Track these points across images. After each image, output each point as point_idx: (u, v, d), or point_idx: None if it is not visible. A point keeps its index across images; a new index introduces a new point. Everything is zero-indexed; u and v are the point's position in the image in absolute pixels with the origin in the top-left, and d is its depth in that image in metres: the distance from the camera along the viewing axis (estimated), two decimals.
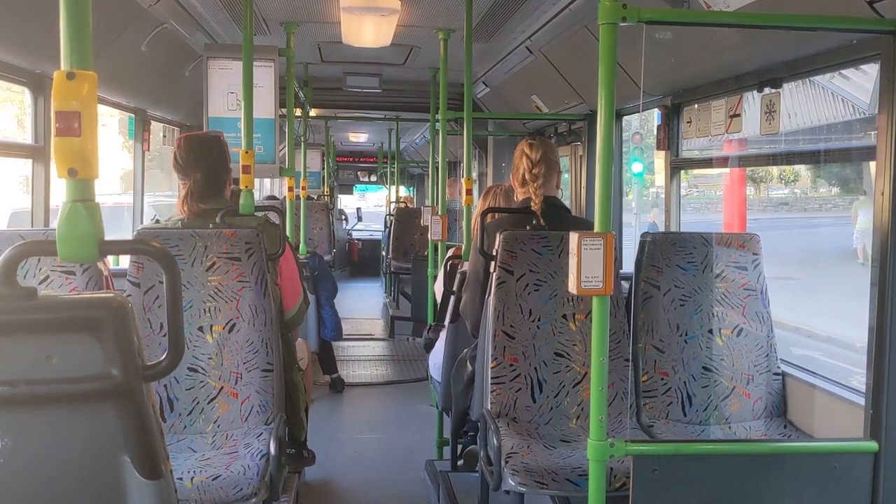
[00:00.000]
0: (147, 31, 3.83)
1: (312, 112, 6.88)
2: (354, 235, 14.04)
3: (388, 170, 11.67)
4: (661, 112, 3.78)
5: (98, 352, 1.16)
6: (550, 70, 4.63)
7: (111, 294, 1.21)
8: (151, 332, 2.60)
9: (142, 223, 4.55)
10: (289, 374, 2.79)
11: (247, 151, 3.14)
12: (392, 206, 10.90)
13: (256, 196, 3.44)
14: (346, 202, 17.20)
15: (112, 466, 1.19)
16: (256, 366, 2.61)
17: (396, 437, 4.81)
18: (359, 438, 4.83)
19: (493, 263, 2.87)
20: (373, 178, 15.30)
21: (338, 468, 4.22)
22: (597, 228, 1.90)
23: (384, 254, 10.35)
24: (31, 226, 3.51)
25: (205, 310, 2.62)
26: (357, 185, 16.56)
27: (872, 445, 2.01)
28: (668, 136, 3.72)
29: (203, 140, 2.88)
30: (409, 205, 11.07)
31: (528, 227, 2.95)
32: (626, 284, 3.12)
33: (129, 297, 2.55)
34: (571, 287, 1.90)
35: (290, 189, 4.66)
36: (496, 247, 2.86)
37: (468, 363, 3.16)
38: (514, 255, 2.84)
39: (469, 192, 4.11)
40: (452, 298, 3.43)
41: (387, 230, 10.54)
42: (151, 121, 5.03)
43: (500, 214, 3.24)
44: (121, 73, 4.11)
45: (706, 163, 4.13)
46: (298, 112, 5.90)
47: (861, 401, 2.31)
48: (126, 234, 5.29)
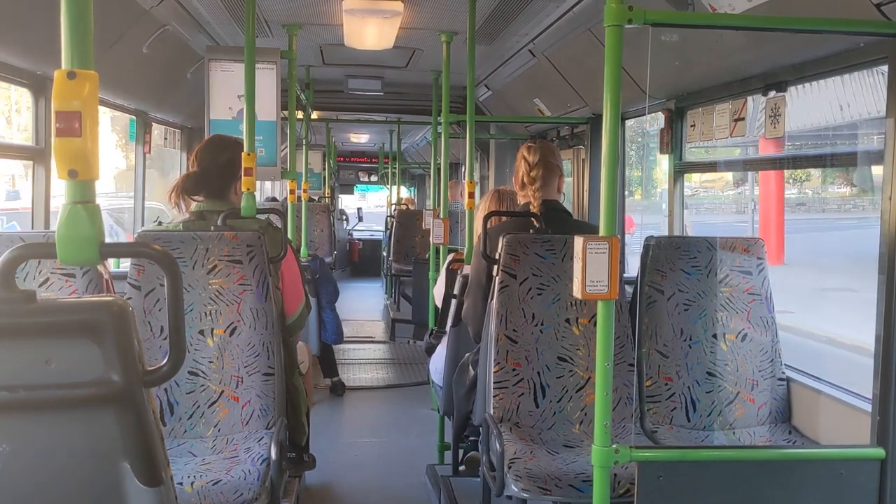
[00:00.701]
0: (149, 33, 3.82)
1: (314, 115, 6.87)
2: (355, 235, 14.02)
3: (389, 170, 11.65)
4: (665, 115, 3.76)
5: (98, 356, 1.15)
6: (553, 73, 4.61)
7: (111, 297, 1.20)
8: (152, 336, 2.58)
9: (143, 226, 4.54)
10: (290, 378, 2.78)
11: (248, 154, 3.13)
12: (393, 208, 10.86)
13: (256, 197, 3.41)
14: (347, 202, 17.19)
15: (111, 473, 1.17)
16: (257, 369, 2.59)
17: (397, 442, 4.79)
18: (359, 442, 4.81)
19: (496, 267, 2.85)
20: (374, 178, 15.27)
21: (338, 472, 4.20)
22: (602, 232, 1.88)
23: (385, 255, 10.32)
24: (32, 228, 3.50)
25: (206, 313, 2.60)
26: (358, 185, 16.54)
27: (879, 452, 2.00)
28: (672, 140, 3.70)
29: (223, 141, 2.94)
30: (410, 206, 10.99)
31: (532, 231, 2.93)
32: (629, 288, 3.10)
33: (130, 301, 2.55)
34: (576, 291, 1.88)
35: (292, 191, 4.65)
36: (499, 250, 2.85)
37: (470, 367, 3.14)
38: (517, 259, 2.83)
39: (472, 196, 4.10)
40: (454, 302, 3.41)
41: (387, 232, 10.50)
42: (153, 123, 5.02)
43: (503, 218, 3.22)
44: (122, 75, 4.09)
45: (710, 166, 4.12)
46: (300, 114, 5.89)
47: (866, 406, 2.29)
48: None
